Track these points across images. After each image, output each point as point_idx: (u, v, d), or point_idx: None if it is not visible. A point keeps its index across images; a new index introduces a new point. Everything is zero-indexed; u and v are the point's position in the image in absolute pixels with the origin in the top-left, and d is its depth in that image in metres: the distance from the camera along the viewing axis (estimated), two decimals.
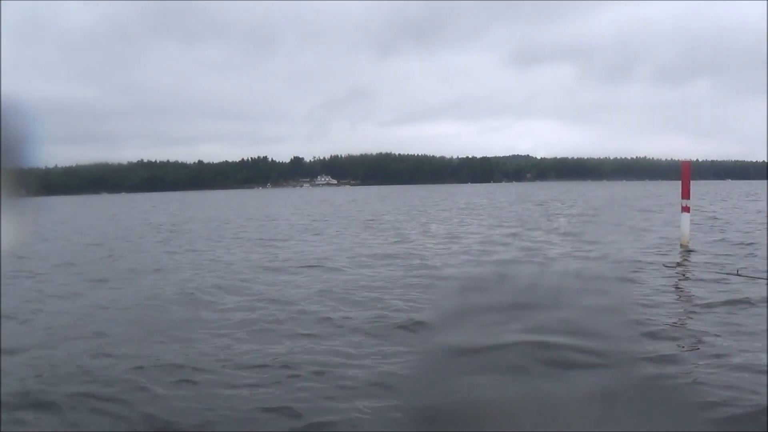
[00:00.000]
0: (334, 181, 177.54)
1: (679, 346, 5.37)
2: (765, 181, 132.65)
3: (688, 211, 12.24)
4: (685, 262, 10.77)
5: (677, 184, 13.12)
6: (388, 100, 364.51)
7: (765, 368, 4.52)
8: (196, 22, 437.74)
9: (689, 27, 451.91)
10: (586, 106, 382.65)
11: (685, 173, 12.55)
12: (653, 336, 5.63)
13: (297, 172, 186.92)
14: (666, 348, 5.26)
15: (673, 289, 8.35)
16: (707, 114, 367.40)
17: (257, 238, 18.08)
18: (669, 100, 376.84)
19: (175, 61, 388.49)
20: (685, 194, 12.17)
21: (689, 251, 11.77)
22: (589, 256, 11.68)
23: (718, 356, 4.95)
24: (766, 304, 6.66)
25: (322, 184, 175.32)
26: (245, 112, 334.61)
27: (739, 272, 7.93)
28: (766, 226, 17.06)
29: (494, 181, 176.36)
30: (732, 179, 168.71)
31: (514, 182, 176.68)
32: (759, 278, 7.94)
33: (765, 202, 32.43)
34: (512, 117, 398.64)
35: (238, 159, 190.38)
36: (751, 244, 13.04)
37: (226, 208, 43.93)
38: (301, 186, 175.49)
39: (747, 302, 6.88)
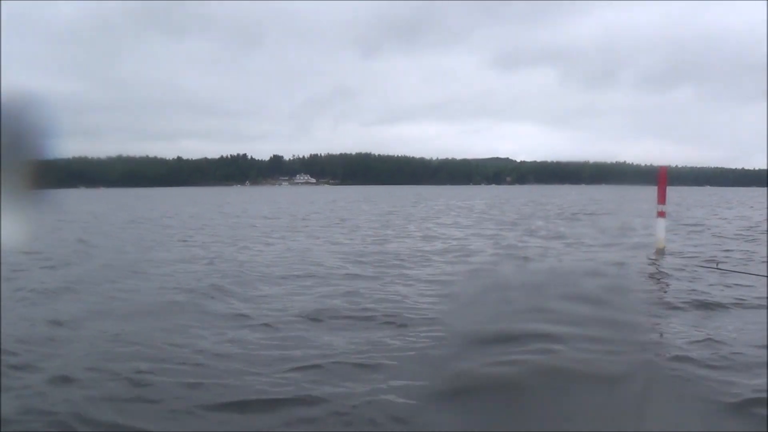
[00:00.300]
0: (313, 180, 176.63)
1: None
2: (744, 188, 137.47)
3: (664, 216, 12.26)
4: (660, 266, 10.88)
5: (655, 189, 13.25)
6: (371, 99, 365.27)
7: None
8: (182, 17, 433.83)
9: (673, 33, 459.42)
10: (568, 111, 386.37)
11: (662, 178, 12.55)
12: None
13: (276, 170, 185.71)
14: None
15: (648, 289, 8.59)
16: (689, 120, 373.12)
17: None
18: (651, 105, 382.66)
19: (160, 56, 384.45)
20: (661, 199, 12.17)
21: (664, 255, 11.87)
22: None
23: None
24: (766, 303, 6.81)
25: (301, 183, 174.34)
26: (227, 109, 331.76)
27: (719, 266, 8.11)
28: (766, 233, 17.41)
29: (473, 184, 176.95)
30: (711, 186, 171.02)
31: (494, 185, 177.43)
32: (738, 271, 8.31)
33: (740, 209, 33.41)
34: (494, 119, 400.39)
35: (217, 156, 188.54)
36: (728, 250, 13.22)
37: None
38: (280, 184, 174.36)
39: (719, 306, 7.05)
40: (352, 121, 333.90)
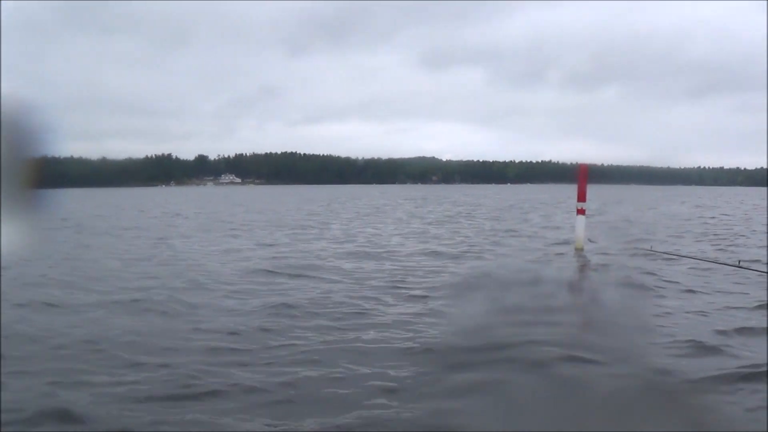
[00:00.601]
0: (239, 180, 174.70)
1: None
2: (670, 187, 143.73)
3: (584, 214, 12.34)
4: (579, 262, 11.35)
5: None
6: (297, 99, 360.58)
7: None
8: (109, 16, 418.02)
9: (600, 33, 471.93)
10: (495, 110, 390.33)
11: (582, 176, 12.54)
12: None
13: (201, 170, 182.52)
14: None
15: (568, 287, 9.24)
16: (615, 120, 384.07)
17: None
18: (578, 105, 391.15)
19: (86, 56, 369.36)
20: (581, 197, 12.23)
21: (583, 253, 12.10)
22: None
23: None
24: (766, 303, 7.06)
25: (226, 183, 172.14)
26: (153, 109, 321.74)
27: (652, 247, 9.02)
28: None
29: (399, 183, 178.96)
30: (636, 184, 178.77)
31: (420, 184, 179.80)
32: (675, 256, 9.32)
33: (663, 208, 35.60)
34: (420, 119, 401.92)
35: (142, 156, 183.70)
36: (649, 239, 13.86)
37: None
38: (205, 184, 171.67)
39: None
40: (278, 121, 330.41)
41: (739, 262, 6.55)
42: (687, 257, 9.43)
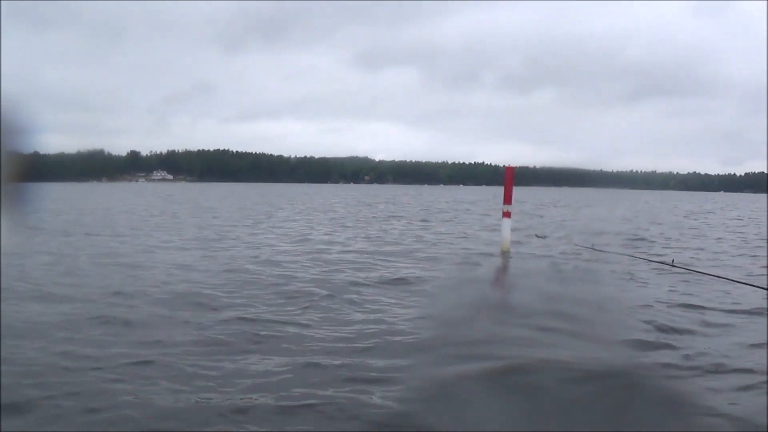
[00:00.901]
0: (170, 177, 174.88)
1: None
2: (603, 189, 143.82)
3: (509, 217, 12.26)
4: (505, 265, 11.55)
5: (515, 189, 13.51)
6: (231, 96, 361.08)
7: None
8: (45, 10, 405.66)
9: (536, 36, 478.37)
10: (430, 111, 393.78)
11: (508, 179, 12.40)
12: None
13: (133, 166, 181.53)
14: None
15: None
16: (549, 123, 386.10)
17: None
18: (512, 107, 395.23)
19: (20, 50, 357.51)
20: (507, 200, 12.07)
21: (509, 256, 12.10)
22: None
23: None
24: None
25: (158, 180, 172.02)
26: (87, 103, 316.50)
27: (594, 246, 9.81)
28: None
29: (332, 182, 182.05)
30: (570, 186, 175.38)
31: (352, 183, 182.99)
32: (608, 251, 10.20)
33: (591, 210, 37.01)
34: (354, 119, 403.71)
35: (74, 151, 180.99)
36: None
37: None
38: (137, 181, 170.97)
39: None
40: (212, 118, 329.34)
41: (673, 261, 6.81)
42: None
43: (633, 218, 27.04)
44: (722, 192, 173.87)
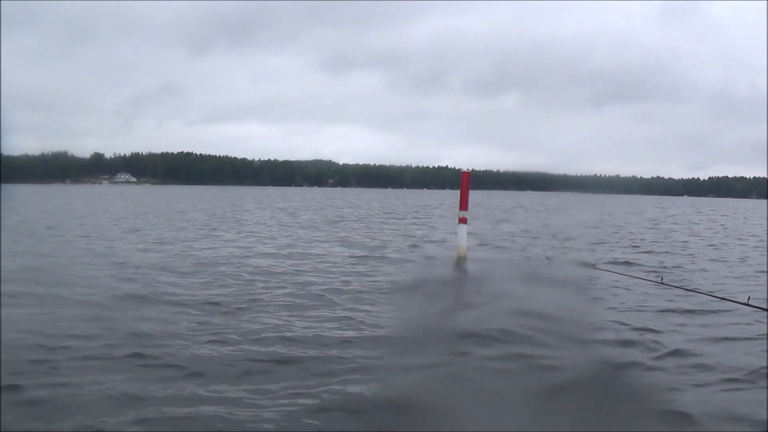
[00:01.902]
0: (134, 179, 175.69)
1: None
2: (567, 193, 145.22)
3: (465, 223, 12.13)
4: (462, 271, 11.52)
5: (473, 193, 13.63)
6: (197, 98, 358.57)
7: None
8: (9, 10, 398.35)
9: (502, 41, 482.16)
10: (395, 114, 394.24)
11: (464, 184, 12.28)
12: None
13: (97, 168, 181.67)
14: None
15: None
16: (514, 127, 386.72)
17: None
18: (478, 111, 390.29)
19: None
20: (463, 205, 11.99)
21: (465, 262, 11.98)
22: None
23: None
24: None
25: (122, 182, 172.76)
26: (51, 104, 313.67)
27: (548, 257, 10.56)
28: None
29: (295, 185, 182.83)
30: (533, 190, 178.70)
31: (316, 187, 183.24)
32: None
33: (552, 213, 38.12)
34: (320, 122, 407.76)
35: (38, 153, 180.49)
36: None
37: None
38: (101, 183, 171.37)
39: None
40: (177, 120, 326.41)
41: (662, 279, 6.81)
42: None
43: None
44: (686, 196, 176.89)
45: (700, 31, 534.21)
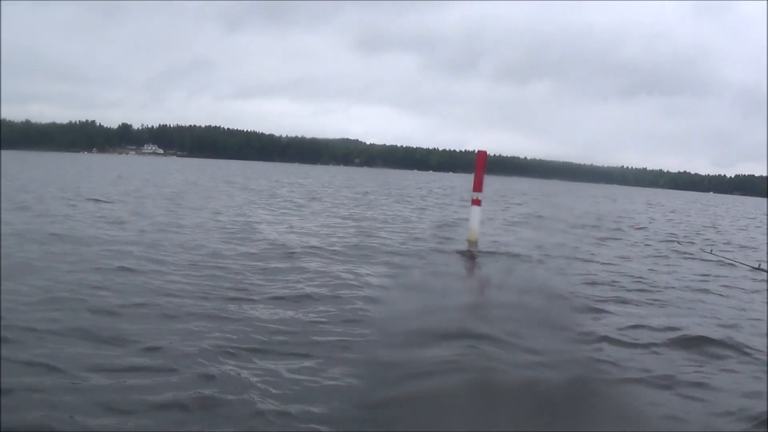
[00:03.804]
0: (161, 151, 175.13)
1: None
2: (591, 184, 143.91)
3: (479, 205, 11.51)
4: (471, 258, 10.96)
5: (498, 179, 14.92)
6: (229, 74, 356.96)
7: None
8: None
9: (537, 28, 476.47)
10: (425, 97, 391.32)
11: (480, 164, 11.68)
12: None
13: (124, 139, 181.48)
14: None
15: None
16: (543, 114, 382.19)
17: None
18: (508, 97, 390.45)
19: (22, 22, 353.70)
20: (477, 186, 11.39)
21: (477, 247, 11.46)
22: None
23: None
24: None
25: (149, 153, 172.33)
26: (83, 76, 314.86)
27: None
28: None
29: (322, 163, 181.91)
30: (559, 179, 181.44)
31: (342, 165, 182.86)
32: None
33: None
34: (349, 101, 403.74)
35: (66, 121, 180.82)
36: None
37: None
38: (127, 153, 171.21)
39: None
40: (207, 95, 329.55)
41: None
42: None
43: None
44: (712, 193, 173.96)
45: (732, 28, 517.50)
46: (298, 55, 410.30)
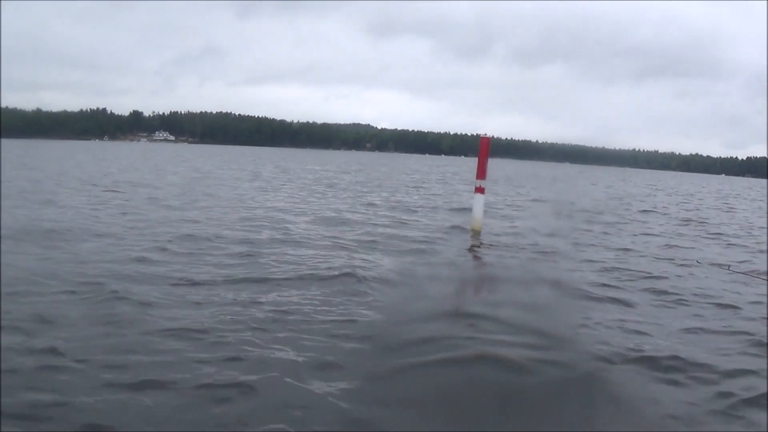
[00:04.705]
0: (172, 138, 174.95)
1: None
2: (600, 167, 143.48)
3: (483, 193, 10.95)
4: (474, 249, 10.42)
5: (508, 162, 13.84)
6: (240, 60, 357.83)
7: None
8: None
9: (549, 11, 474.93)
10: (437, 81, 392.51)
11: (483, 150, 11.03)
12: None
13: (136, 126, 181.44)
14: None
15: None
16: (556, 98, 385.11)
17: None
18: (520, 80, 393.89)
19: (31, 8, 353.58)
20: (481, 174, 10.81)
21: (480, 237, 10.97)
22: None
23: None
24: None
25: (160, 140, 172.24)
26: (94, 63, 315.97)
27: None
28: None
29: (333, 148, 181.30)
30: (571, 163, 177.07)
31: (354, 150, 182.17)
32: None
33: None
34: (361, 86, 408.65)
35: (77, 109, 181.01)
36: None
37: None
38: (138, 140, 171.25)
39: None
40: (219, 81, 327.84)
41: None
42: None
43: None
44: (723, 175, 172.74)
45: (745, 11, 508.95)
46: (310, 40, 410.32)
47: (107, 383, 4.03)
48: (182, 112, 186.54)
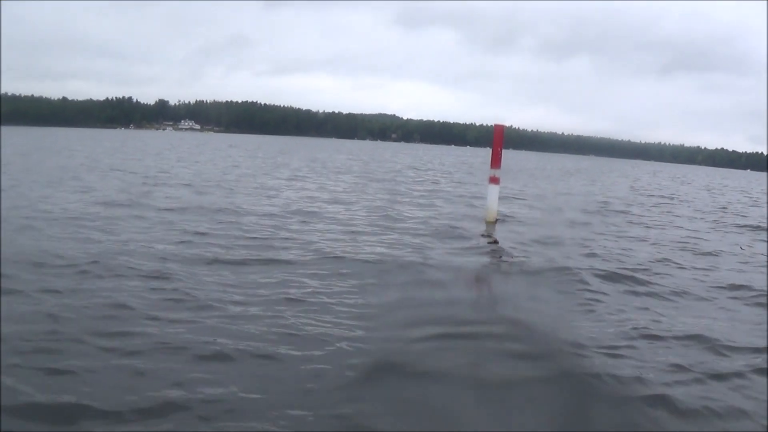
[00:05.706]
0: (198, 127, 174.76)
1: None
2: (626, 160, 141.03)
3: (497, 183, 10.47)
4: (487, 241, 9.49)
5: (532, 154, 12.46)
6: (267, 50, 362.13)
7: None
8: None
9: (576, 5, 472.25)
10: (464, 72, 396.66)
11: (497, 139, 10.57)
12: None
13: (161, 115, 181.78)
14: None
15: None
16: (581, 90, 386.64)
17: None
18: (547, 73, 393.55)
19: None
20: (495, 163, 10.37)
21: (495, 229, 10.27)
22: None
23: None
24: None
25: (186, 129, 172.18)
26: (120, 52, 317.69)
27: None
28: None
29: (358, 138, 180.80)
30: (596, 155, 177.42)
31: (379, 141, 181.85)
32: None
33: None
34: (387, 77, 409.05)
35: (102, 98, 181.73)
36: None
37: None
38: (164, 129, 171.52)
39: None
40: (245, 71, 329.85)
41: None
42: None
43: None
44: (749, 170, 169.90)
45: None
46: (337, 31, 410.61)
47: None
48: (208, 102, 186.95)
